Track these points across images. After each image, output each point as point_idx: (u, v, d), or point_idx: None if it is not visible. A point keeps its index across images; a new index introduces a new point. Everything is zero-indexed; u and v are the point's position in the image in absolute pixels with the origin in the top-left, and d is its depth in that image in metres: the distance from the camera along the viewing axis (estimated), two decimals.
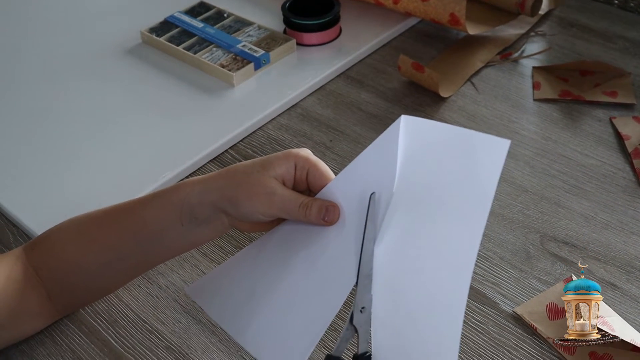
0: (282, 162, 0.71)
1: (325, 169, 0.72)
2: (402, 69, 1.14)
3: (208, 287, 0.77)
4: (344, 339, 0.65)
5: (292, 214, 0.70)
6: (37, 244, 0.79)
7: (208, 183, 0.72)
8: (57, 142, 1.06)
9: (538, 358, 0.78)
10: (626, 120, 1.06)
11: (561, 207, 0.95)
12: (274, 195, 0.69)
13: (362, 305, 0.66)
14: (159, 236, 0.75)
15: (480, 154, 0.64)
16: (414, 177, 0.67)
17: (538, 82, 1.15)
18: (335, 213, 0.69)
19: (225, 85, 1.15)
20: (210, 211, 0.72)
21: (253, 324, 0.71)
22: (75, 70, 1.20)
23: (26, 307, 0.77)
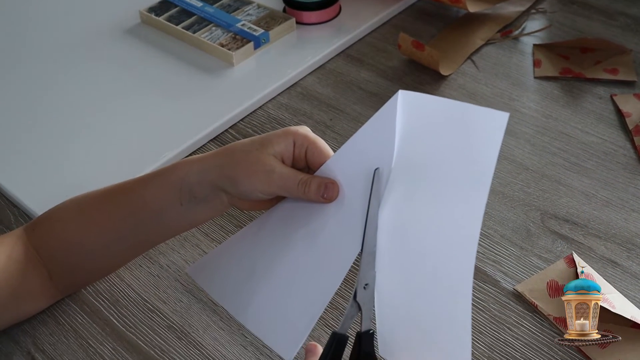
0: (281, 139, 0.71)
1: (324, 146, 0.72)
2: (402, 47, 1.14)
3: (208, 267, 0.77)
4: (348, 316, 0.65)
5: (291, 191, 0.70)
6: (37, 224, 0.79)
7: (206, 162, 0.72)
8: (57, 123, 1.06)
9: (539, 335, 0.78)
10: (627, 98, 1.06)
11: (562, 185, 0.95)
12: (273, 173, 0.69)
13: (366, 282, 0.65)
14: (159, 215, 0.75)
15: (479, 127, 0.63)
16: (412, 152, 0.66)
17: (539, 59, 1.14)
18: (334, 190, 0.69)
19: (224, 64, 1.15)
20: (209, 190, 0.72)
21: (253, 302, 0.71)
22: (74, 50, 1.20)
23: (28, 287, 0.77)
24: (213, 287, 0.75)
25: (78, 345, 0.80)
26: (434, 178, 0.65)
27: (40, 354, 0.79)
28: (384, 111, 0.68)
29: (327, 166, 0.71)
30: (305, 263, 0.69)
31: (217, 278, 0.75)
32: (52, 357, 0.79)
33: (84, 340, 0.80)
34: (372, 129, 0.69)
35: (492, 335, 0.79)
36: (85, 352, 0.79)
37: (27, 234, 0.78)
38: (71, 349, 0.79)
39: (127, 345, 0.79)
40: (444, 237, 0.64)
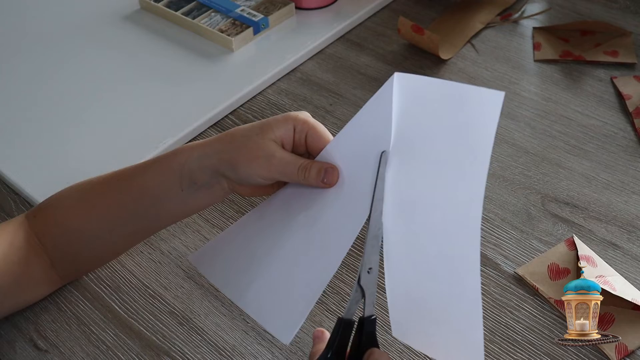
0: (281, 124, 0.71)
1: (323, 131, 0.72)
2: (402, 31, 1.14)
3: (210, 254, 0.77)
4: (353, 301, 0.65)
5: (291, 176, 0.70)
6: (39, 211, 0.79)
7: (207, 147, 0.72)
8: (56, 110, 1.06)
9: (540, 318, 0.79)
10: (627, 80, 1.06)
11: (562, 168, 0.94)
12: (273, 158, 0.69)
13: (370, 266, 0.65)
14: (160, 201, 0.75)
15: (475, 107, 0.63)
16: (411, 133, 0.66)
17: (538, 42, 1.14)
18: (334, 174, 0.69)
19: (224, 50, 1.15)
20: (210, 176, 0.72)
21: (253, 286, 0.71)
22: (74, 37, 1.20)
23: (29, 274, 0.78)
24: (214, 274, 0.76)
25: (80, 331, 0.80)
26: (434, 158, 0.65)
27: (42, 341, 0.79)
28: (380, 94, 0.68)
29: (326, 151, 0.71)
30: (304, 247, 0.70)
31: (218, 265, 0.75)
32: (54, 344, 0.79)
33: (86, 327, 0.80)
34: (369, 112, 0.69)
35: (493, 319, 0.79)
36: (87, 338, 0.79)
37: (28, 221, 0.78)
38: (73, 336, 0.80)
39: (129, 332, 0.79)
40: (447, 215, 0.64)
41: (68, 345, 0.79)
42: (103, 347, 0.78)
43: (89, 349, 0.78)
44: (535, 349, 0.76)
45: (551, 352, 0.76)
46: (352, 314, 0.65)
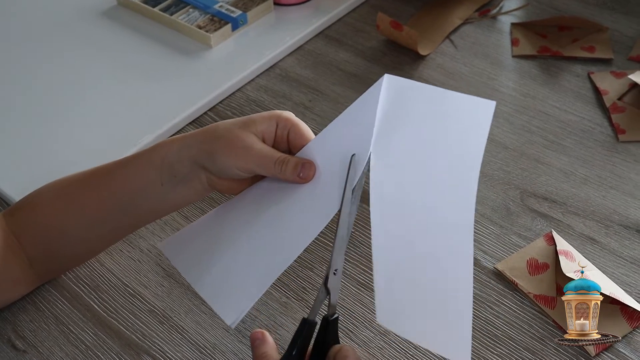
0: (264, 120, 0.71)
1: (306, 129, 0.72)
2: (381, 27, 1.14)
3: (178, 241, 0.77)
4: (318, 301, 0.65)
5: (268, 169, 0.70)
6: (16, 209, 0.79)
7: (187, 139, 0.73)
8: (33, 107, 1.05)
9: (519, 313, 0.79)
10: (604, 75, 1.07)
11: (541, 163, 0.95)
12: (252, 150, 0.69)
13: (336, 268, 0.66)
14: (139, 197, 0.74)
15: (466, 116, 0.64)
16: (399, 136, 0.66)
17: (516, 38, 1.15)
18: (311, 169, 0.70)
19: (202, 46, 1.14)
20: (189, 167, 0.72)
21: (211, 271, 0.71)
22: (50, 34, 1.18)
23: (7, 274, 0.77)
24: (178, 259, 0.76)
25: (59, 331, 0.79)
26: (423, 162, 0.65)
27: (20, 341, 0.79)
28: (367, 95, 0.68)
29: (307, 148, 0.71)
30: (265, 237, 0.70)
31: (184, 251, 0.75)
32: (32, 344, 0.78)
33: (64, 327, 0.80)
34: (353, 113, 0.69)
35: (473, 314, 0.78)
36: (66, 338, 0.79)
37: (5, 219, 0.78)
38: (52, 335, 0.79)
39: (109, 331, 0.79)
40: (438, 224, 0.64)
41: (47, 345, 0.78)
42: (82, 347, 0.78)
43: (68, 349, 0.78)
44: (515, 343, 0.76)
45: (531, 347, 0.76)
46: (315, 315, 0.65)
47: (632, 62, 1.09)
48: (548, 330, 0.77)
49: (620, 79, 1.05)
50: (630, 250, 0.84)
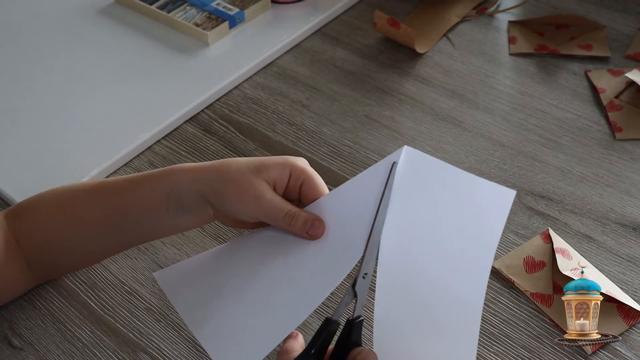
0: (278, 167, 0.70)
1: (320, 183, 0.71)
2: (378, 25, 1.14)
3: (176, 275, 0.77)
4: (343, 303, 0.66)
5: (277, 221, 0.69)
6: (18, 211, 0.78)
7: (200, 173, 0.71)
8: (30, 107, 1.05)
9: (516, 311, 0.79)
10: (601, 73, 1.07)
11: (537, 161, 0.95)
12: (262, 199, 0.69)
13: (365, 272, 0.66)
14: (144, 219, 0.74)
15: (485, 202, 0.63)
16: (415, 213, 0.66)
17: (514, 36, 1.15)
18: (320, 228, 0.69)
19: (200, 44, 1.14)
20: (197, 200, 0.71)
21: (213, 321, 0.70)
22: (47, 32, 1.18)
23: (6, 274, 0.77)
24: (176, 297, 0.75)
25: (55, 329, 0.79)
26: (437, 243, 0.65)
27: (17, 339, 0.79)
28: (383, 163, 0.68)
29: (318, 204, 0.71)
30: (273, 293, 0.69)
31: (183, 289, 0.75)
32: (29, 342, 0.78)
33: (61, 324, 0.80)
34: (368, 178, 0.69)
35: None
36: (62, 335, 0.79)
37: (7, 220, 0.77)
38: (48, 333, 0.79)
39: (105, 328, 0.79)
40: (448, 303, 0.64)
41: (43, 343, 0.78)
42: (79, 345, 0.78)
43: (64, 347, 0.78)
44: (512, 341, 0.76)
45: (527, 345, 0.76)
46: (339, 315, 0.65)
47: (629, 60, 1.09)
48: (545, 328, 0.77)
49: (617, 77, 1.05)
50: (626, 248, 0.84)
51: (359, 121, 1.02)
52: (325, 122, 1.02)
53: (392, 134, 1.00)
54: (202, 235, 0.88)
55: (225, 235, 0.87)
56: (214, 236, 0.87)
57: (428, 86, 1.07)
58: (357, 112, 1.03)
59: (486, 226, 0.63)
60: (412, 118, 1.02)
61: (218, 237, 0.87)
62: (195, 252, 0.86)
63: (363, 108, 1.04)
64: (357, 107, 1.04)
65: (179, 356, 0.76)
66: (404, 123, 1.01)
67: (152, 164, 0.97)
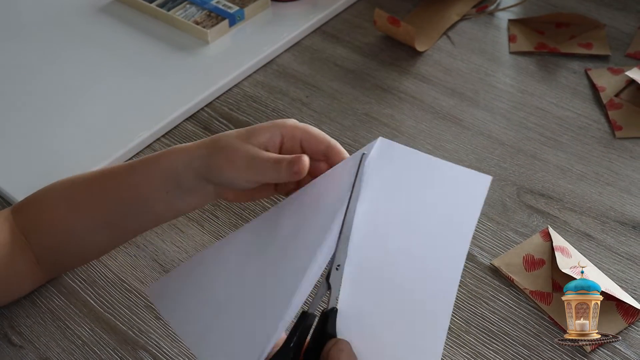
0: (267, 131, 0.70)
1: (317, 132, 0.71)
2: (378, 23, 1.14)
3: (166, 289, 0.76)
4: (318, 296, 0.65)
5: (267, 174, 0.69)
6: (24, 206, 0.78)
7: (192, 152, 0.72)
8: (30, 105, 1.05)
9: (515, 309, 0.79)
10: (601, 72, 1.07)
11: (537, 160, 0.95)
12: (252, 159, 0.69)
13: (339, 264, 0.66)
14: (145, 202, 0.74)
15: (460, 189, 0.63)
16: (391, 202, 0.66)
17: (514, 35, 1.15)
18: (301, 163, 0.67)
19: (199, 42, 1.14)
20: (195, 180, 0.71)
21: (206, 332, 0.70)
22: (46, 30, 1.18)
23: (15, 270, 0.77)
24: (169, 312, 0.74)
25: (55, 326, 0.79)
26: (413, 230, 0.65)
27: (16, 336, 0.79)
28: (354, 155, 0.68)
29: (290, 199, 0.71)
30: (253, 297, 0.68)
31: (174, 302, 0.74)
32: (29, 339, 0.78)
33: (61, 322, 0.80)
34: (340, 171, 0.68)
35: (469, 310, 0.79)
36: (62, 333, 0.79)
37: (13, 215, 0.78)
38: (48, 331, 0.79)
39: (105, 326, 0.79)
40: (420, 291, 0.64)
41: (43, 341, 0.78)
42: (79, 342, 0.78)
43: (64, 344, 0.78)
44: (511, 339, 0.77)
45: (526, 343, 0.76)
46: (315, 308, 0.65)
47: (630, 59, 1.09)
48: (544, 326, 0.78)
49: (617, 75, 1.05)
50: (626, 246, 0.84)
51: (359, 119, 1.02)
52: (325, 120, 1.02)
53: (391, 132, 1.00)
54: (202, 232, 0.88)
55: (223, 232, 0.87)
56: (213, 234, 0.88)
57: (428, 84, 1.07)
58: (356, 110, 1.03)
59: (462, 212, 0.62)
60: (412, 116, 1.02)
61: (218, 234, 0.87)
62: (195, 250, 0.86)
63: (363, 106, 1.04)
64: (357, 105, 1.04)
65: (179, 354, 0.76)
66: (403, 121, 1.01)
67: None
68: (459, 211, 0.63)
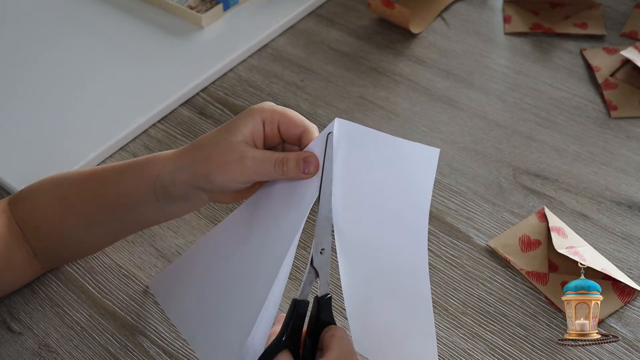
0: (248, 121, 0.68)
1: (295, 116, 0.69)
2: (372, 5, 1.13)
3: (167, 283, 0.78)
4: (307, 282, 0.65)
5: (268, 174, 0.67)
6: (19, 200, 0.78)
7: (177, 161, 0.70)
8: (24, 92, 1.04)
9: (512, 289, 0.80)
10: (596, 52, 1.07)
11: (533, 140, 0.95)
12: (246, 160, 0.66)
13: (322, 247, 0.65)
14: (135, 208, 0.73)
15: (412, 163, 0.64)
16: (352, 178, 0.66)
17: (509, 15, 1.14)
18: (313, 162, 0.66)
19: (194, 27, 1.14)
20: (185, 190, 0.70)
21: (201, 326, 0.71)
22: (40, 17, 1.18)
23: (11, 262, 0.77)
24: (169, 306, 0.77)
25: (54, 313, 0.80)
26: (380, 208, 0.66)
27: (16, 323, 0.79)
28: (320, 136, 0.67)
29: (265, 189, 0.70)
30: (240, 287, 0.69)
31: (173, 297, 0.76)
32: (28, 326, 0.79)
33: (59, 308, 0.80)
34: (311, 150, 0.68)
35: (465, 291, 0.80)
36: (61, 319, 0.79)
37: (10, 207, 0.78)
38: (47, 317, 0.79)
39: (103, 312, 0.79)
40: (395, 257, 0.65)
41: (42, 327, 0.78)
42: (77, 328, 0.78)
43: (63, 330, 0.78)
44: (508, 320, 0.77)
45: (523, 323, 0.77)
46: (306, 295, 0.65)
47: (625, 39, 1.09)
48: (540, 306, 0.78)
49: (612, 55, 1.05)
50: (621, 226, 0.85)
51: (354, 102, 1.02)
52: (321, 104, 1.02)
53: (387, 115, 1.00)
54: (198, 217, 0.88)
55: (220, 217, 0.88)
56: (210, 218, 0.88)
57: (423, 66, 1.07)
58: (352, 94, 1.03)
59: (417, 186, 0.63)
60: (408, 99, 1.02)
61: (214, 219, 0.88)
62: (192, 235, 0.86)
63: (358, 89, 1.04)
64: (352, 88, 1.04)
65: (177, 339, 0.77)
66: (399, 104, 1.01)
67: (147, 148, 0.97)
68: (415, 186, 0.64)
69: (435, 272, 0.81)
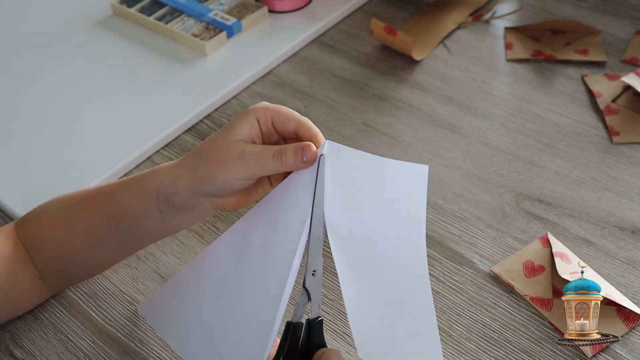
0: (244, 121, 0.69)
1: (288, 112, 0.70)
2: (375, 33, 1.14)
3: (157, 307, 0.77)
4: (300, 304, 0.65)
5: (268, 167, 0.67)
6: (25, 223, 0.79)
7: (179, 169, 0.71)
8: (30, 118, 1.05)
9: (516, 315, 0.79)
10: (597, 78, 1.07)
11: (535, 166, 0.95)
12: (244, 155, 0.67)
13: (314, 269, 0.65)
14: (139, 221, 0.74)
15: (403, 182, 0.64)
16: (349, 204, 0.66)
17: (510, 42, 1.15)
18: (311, 150, 0.66)
19: (198, 54, 1.15)
20: (189, 198, 0.70)
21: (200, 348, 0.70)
22: (46, 44, 1.19)
23: (18, 285, 0.77)
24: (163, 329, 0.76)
25: (57, 339, 0.79)
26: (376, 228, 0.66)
27: (19, 350, 0.79)
28: None
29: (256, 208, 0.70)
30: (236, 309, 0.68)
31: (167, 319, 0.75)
32: (31, 353, 0.78)
33: (63, 335, 0.80)
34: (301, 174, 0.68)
35: (469, 317, 0.79)
36: (64, 346, 0.79)
37: (16, 230, 0.78)
38: (50, 344, 0.79)
39: (107, 338, 0.79)
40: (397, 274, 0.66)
41: (45, 354, 0.78)
42: (81, 355, 0.78)
43: (66, 357, 0.78)
44: (512, 346, 0.77)
45: (527, 349, 0.76)
46: (299, 317, 0.65)
47: (626, 65, 1.10)
48: (545, 332, 0.78)
49: (613, 81, 1.06)
50: (625, 251, 0.85)
51: (357, 129, 1.02)
52: (324, 130, 1.01)
53: (390, 141, 1.00)
54: (202, 243, 0.88)
55: None
56: None
57: (425, 93, 1.08)
58: (355, 120, 1.04)
59: (411, 204, 0.64)
60: (410, 125, 1.02)
61: None
62: None
63: (361, 115, 1.04)
64: (355, 114, 1.05)
65: None
66: (401, 130, 1.02)
67: None
68: (408, 204, 0.64)
69: (438, 297, 0.81)
